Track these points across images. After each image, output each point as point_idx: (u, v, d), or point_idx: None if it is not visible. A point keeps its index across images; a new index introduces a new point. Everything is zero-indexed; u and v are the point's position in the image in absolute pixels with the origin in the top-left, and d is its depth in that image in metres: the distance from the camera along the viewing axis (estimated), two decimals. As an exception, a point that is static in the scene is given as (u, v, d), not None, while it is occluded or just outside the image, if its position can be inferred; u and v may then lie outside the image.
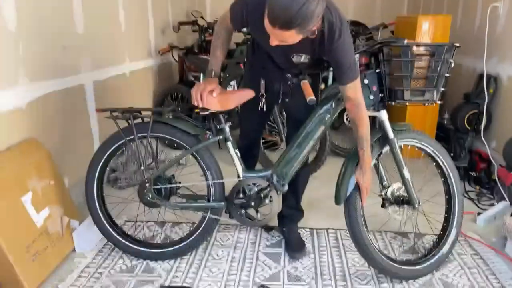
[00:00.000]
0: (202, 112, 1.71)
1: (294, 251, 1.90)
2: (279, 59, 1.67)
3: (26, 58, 1.90)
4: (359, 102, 1.53)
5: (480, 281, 1.71)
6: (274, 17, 1.23)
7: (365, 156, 1.59)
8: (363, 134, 1.57)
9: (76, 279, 1.72)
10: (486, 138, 2.76)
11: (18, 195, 1.69)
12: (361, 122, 1.55)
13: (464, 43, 2.65)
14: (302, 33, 1.28)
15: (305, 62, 1.61)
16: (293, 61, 1.61)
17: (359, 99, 1.52)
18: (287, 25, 1.23)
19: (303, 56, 1.58)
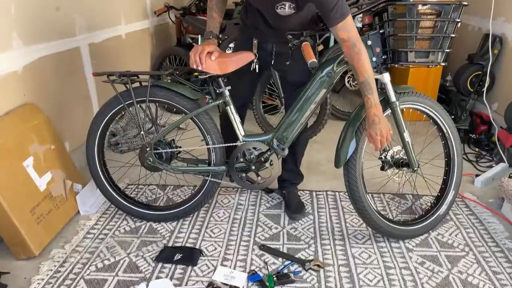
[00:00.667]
0: (201, 76, 1.69)
1: (294, 212, 1.94)
2: (267, 15, 1.61)
3: (19, 21, 1.84)
4: (355, 41, 1.41)
5: (475, 240, 1.75)
6: None
7: (372, 103, 1.45)
8: (366, 79, 1.43)
9: (82, 240, 1.76)
10: (488, 100, 2.74)
11: (19, 160, 1.70)
12: (361, 64, 1.42)
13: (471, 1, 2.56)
14: None
15: (291, 13, 1.53)
16: (280, 14, 1.54)
17: (353, 38, 1.41)
18: None
19: (286, 4, 1.50)
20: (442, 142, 1.78)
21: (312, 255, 1.66)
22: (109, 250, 1.70)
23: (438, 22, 1.47)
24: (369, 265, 1.61)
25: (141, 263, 1.62)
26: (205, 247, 1.72)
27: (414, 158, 1.68)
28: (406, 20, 1.46)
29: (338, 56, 1.61)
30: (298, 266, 1.60)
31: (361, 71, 1.43)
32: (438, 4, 1.47)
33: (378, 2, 1.52)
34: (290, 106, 1.73)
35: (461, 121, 2.97)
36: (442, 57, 1.54)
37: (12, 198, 1.59)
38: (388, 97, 1.60)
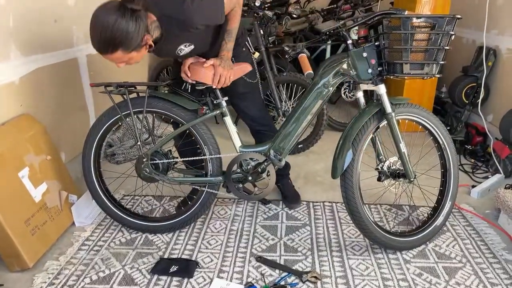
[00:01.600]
0: (198, 87, 1.70)
1: (291, 202, 2.10)
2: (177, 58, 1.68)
3: (17, 32, 1.85)
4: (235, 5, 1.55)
5: (472, 252, 1.75)
6: (95, 46, 1.34)
7: (227, 48, 1.61)
8: (232, 28, 1.61)
9: (76, 252, 1.75)
10: (483, 111, 2.76)
11: (15, 171, 1.69)
12: (235, 18, 1.60)
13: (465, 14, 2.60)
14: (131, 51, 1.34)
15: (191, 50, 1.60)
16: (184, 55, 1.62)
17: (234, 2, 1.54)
18: (108, 49, 1.32)
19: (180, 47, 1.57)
20: (438, 153, 1.79)
21: (309, 267, 1.65)
22: (104, 262, 1.68)
23: (433, 35, 1.49)
24: (367, 277, 1.59)
25: (137, 275, 1.61)
26: (202, 258, 1.70)
27: (411, 169, 1.69)
28: (401, 32, 1.48)
29: (334, 68, 1.62)
30: (295, 278, 1.59)
31: (232, 21, 1.60)
32: (432, 17, 1.49)
33: (373, 15, 1.54)
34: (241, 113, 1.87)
35: (456, 132, 2.99)
36: (436, 69, 1.55)
37: (6, 208, 1.58)
38: (384, 108, 1.61)
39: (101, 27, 1.29)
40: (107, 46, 1.33)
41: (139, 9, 1.31)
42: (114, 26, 1.28)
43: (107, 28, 1.28)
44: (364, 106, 1.68)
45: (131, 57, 1.39)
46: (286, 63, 2.95)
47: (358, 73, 1.60)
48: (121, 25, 1.28)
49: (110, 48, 1.33)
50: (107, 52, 1.34)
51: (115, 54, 1.35)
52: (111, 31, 1.29)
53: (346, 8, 3.53)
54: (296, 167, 2.56)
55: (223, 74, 1.61)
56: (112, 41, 1.31)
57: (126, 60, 1.40)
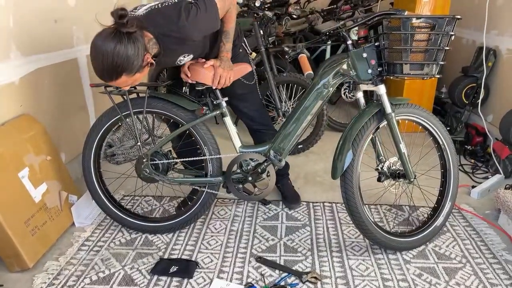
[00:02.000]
0: (198, 87, 1.70)
1: (291, 202, 2.10)
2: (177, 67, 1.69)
3: (17, 32, 1.85)
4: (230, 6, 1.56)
5: (472, 252, 1.75)
6: (101, 76, 1.34)
7: (226, 48, 1.63)
8: (229, 29, 1.62)
9: (76, 253, 1.74)
10: (483, 112, 2.77)
11: (15, 171, 1.69)
12: (231, 19, 1.61)
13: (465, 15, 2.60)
14: (134, 73, 1.35)
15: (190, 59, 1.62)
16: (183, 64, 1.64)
17: (228, 4, 1.54)
18: (112, 76, 1.32)
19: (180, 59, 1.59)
20: (438, 153, 1.79)
21: (309, 267, 1.65)
22: (104, 263, 1.68)
23: (432, 35, 1.49)
24: (367, 277, 1.59)
25: (137, 275, 1.61)
26: (201, 259, 1.70)
27: (411, 169, 1.69)
28: (401, 33, 1.49)
29: (334, 68, 1.62)
30: (295, 279, 1.59)
31: (228, 22, 1.61)
32: (432, 18, 1.49)
33: (373, 16, 1.54)
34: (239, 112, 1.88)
35: (456, 132, 2.99)
36: (436, 70, 1.55)
37: (6, 209, 1.58)
38: (384, 109, 1.61)
39: (101, 56, 1.29)
40: (111, 74, 1.33)
41: (134, 30, 1.31)
42: (114, 53, 1.28)
43: (108, 57, 1.28)
44: (364, 107, 1.68)
45: (135, 79, 1.39)
46: (286, 64, 2.95)
47: (358, 74, 1.60)
48: (120, 51, 1.28)
49: (115, 76, 1.33)
50: (112, 80, 1.35)
51: (120, 80, 1.35)
52: (112, 59, 1.29)
53: (346, 8, 3.53)
54: (296, 167, 2.56)
55: (223, 75, 1.61)
56: (115, 69, 1.31)
57: (131, 83, 1.40)
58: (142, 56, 1.35)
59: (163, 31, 1.41)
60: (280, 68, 2.90)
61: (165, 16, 1.41)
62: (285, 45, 1.65)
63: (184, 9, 1.40)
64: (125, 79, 1.35)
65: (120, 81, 1.36)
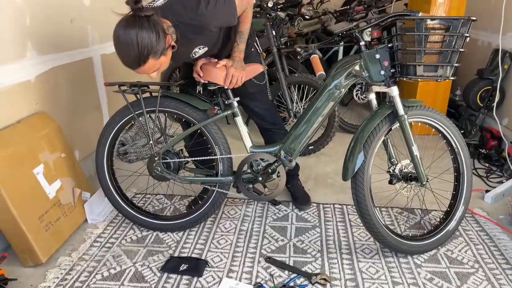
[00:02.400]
0: (210, 87, 1.71)
1: (301, 204, 2.09)
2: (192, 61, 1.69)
3: (34, 31, 1.89)
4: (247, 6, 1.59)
5: (485, 257, 1.72)
6: (128, 64, 1.36)
7: (240, 49, 1.65)
8: (244, 30, 1.64)
9: (89, 249, 1.77)
10: (498, 115, 2.72)
11: (30, 167, 1.72)
12: (247, 20, 1.64)
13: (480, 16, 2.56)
14: (160, 56, 1.36)
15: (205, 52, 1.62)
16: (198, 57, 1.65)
17: (245, 4, 1.57)
18: (140, 61, 1.33)
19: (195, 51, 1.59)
20: (451, 156, 1.76)
21: (319, 269, 1.65)
22: (115, 259, 1.70)
23: (447, 37, 1.47)
24: (377, 280, 1.58)
25: (147, 272, 1.62)
26: (211, 258, 1.71)
27: (423, 172, 1.67)
28: (415, 34, 1.47)
29: (346, 69, 1.62)
30: (304, 280, 1.58)
31: (244, 23, 1.64)
32: (447, 19, 1.47)
33: (387, 17, 1.53)
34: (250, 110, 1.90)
35: (470, 136, 2.94)
36: (451, 72, 1.53)
37: (21, 204, 1.61)
38: (396, 110, 1.60)
39: (125, 45, 1.31)
40: (138, 60, 1.34)
41: (152, 13, 1.33)
42: (137, 39, 1.29)
43: (132, 43, 1.30)
44: (376, 108, 1.67)
45: (161, 62, 1.40)
46: (298, 64, 2.95)
47: (370, 75, 1.59)
48: (143, 34, 1.30)
49: (142, 60, 1.34)
50: (140, 65, 1.36)
51: (147, 65, 1.36)
52: (137, 45, 1.30)
53: (359, 9, 3.50)
54: (306, 168, 2.56)
55: (235, 75, 1.62)
56: (142, 53, 1.32)
57: (158, 67, 1.41)
58: (164, 38, 1.36)
59: (182, 19, 1.43)
60: (292, 68, 2.90)
61: (184, 4, 1.44)
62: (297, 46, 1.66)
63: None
64: (152, 62, 1.36)
65: (148, 66, 1.37)
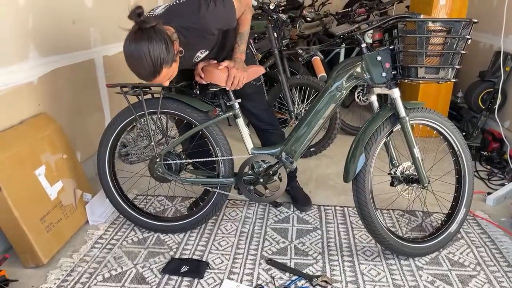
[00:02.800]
0: (212, 89, 1.71)
1: (302, 205, 2.10)
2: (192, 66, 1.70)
3: (36, 33, 1.89)
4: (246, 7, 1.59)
5: (487, 260, 1.72)
6: (143, 78, 1.39)
7: (240, 50, 1.66)
8: (244, 31, 1.65)
9: (90, 250, 1.77)
10: (500, 117, 2.71)
11: (32, 168, 1.72)
12: (247, 21, 1.64)
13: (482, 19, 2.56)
14: (171, 63, 1.39)
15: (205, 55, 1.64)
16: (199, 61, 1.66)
17: (246, 7, 1.58)
18: (155, 73, 1.36)
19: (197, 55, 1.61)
20: (453, 159, 1.76)
21: (320, 271, 1.64)
22: (117, 261, 1.70)
23: (448, 39, 1.47)
24: (378, 283, 1.58)
25: (148, 274, 1.62)
26: (212, 259, 1.71)
27: (424, 174, 1.67)
28: (416, 36, 1.47)
29: (348, 71, 1.62)
30: (306, 282, 1.58)
31: (243, 25, 1.64)
32: (448, 21, 1.47)
33: (388, 19, 1.53)
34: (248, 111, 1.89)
35: (472, 138, 2.94)
36: (452, 74, 1.53)
37: (23, 205, 1.61)
38: (397, 113, 1.60)
39: (139, 59, 1.33)
40: (153, 72, 1.36)
41: (155, 23, 1.34)
42: (149, 52, 1.31)
43: (145, 57, 1.32)
44: (378, 110, 1.67)
45: (173, 69, 1.43)
46: (299, 66, 2.95)
47: (372, 77, 1.59)
48: (153, 47, 1.31)
49: (157, 72, 1.36)
50: (156, 76, 1.38)
51: (162, 74, 1.38)
52: (150, 58, 1.32)
53: (360, 11, 3.51)
54: (308, 170, 2.55)
55: (236, 76, 1.63)
56: (155, 65, 1.34)
57: (171, 74, 1.44)
58: (172, 45, 1.38)
59: (184, 24, 1.45)
60: (294, 70, 2.90)
61: (185, 9, 1.46)
62: (299, 48, 1.66)
63: (203, 2, 1.45)
64: (166, 71, 1.39)
65: (162, 76, 1.39)
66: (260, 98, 1.94)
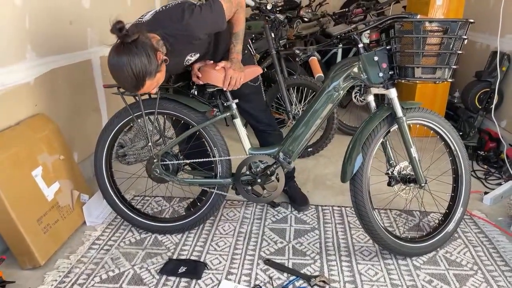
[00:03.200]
0: (209, 89, 1.71)
1: (300, 205, 2.10)
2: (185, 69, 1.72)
3: (33, 33, 1.89)
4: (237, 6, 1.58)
5: (484, 259, 1.72)
6: (128, 90, 1.46)
7: (236, 50, 1.66)
8: (239, 31, 1.65)
9: (87, 251, 1.77)
10: (497, 117, 2.72)
11: (28, 170, 1.72)
12: (240, 21, 1.64)
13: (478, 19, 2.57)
14: (155, 74, 1.40)
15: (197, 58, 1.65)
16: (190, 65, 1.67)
17: (235, 5, 1.57)
18: (139, 85, 1.38)
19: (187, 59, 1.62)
20: (450, 158, 1.77)
21: (318, 271, 1.64)
22: (114, 262, 1.70)
23: (445, 39, 1.48)
24: (376, 282, 1.58)
25: (146, 275, 1.62)
26: (210, 260, 1.71)
27: (421, 174, 1.67)
28: (413, 36, 1.48)
29: (345, 71, 1.62)
30: (304, 282, 1.58)
31: (237, 25, 1.64)
32: (445, 21, 1.48)
33: (385, 19, 1.53)
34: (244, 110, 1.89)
35: (469, 138, 2.95)
36: (449, 74, 1.54)
37: (19, 207, 1.61)
38: (395, 113, 1.60)
39: (121, 73, 1.35)
40: (137, 84, 1.38)
41: (137, 36, 1.35)
42: (131, 67, 1.33)
43: (127, 71, 1.34)
44: (375, 110, 1.67)
45: (158, 78, 1.44)
46: (296, 66, 2.95)
47: (369, 77, 1.60)
48: (135, 61, 1.33)
49: (140, 84, 1.38)
50: (139, 88, 1.41)
51: (146, 86, 1.40)
52: (132, 72, 1.34)
53: (357, 12, 3.51)
54: (305, 170, 2.56)
55: (233, 76, 1.63)
56: (138, 78, 1.36)
57: (156, 84, 1.46)
58: (155, 56, 1.38)
59: (169, 31, 1.46)
60: (291, 70, 2.91)
61: (169, 16, 1.47)
62: (296, 48, 1.66)
63: (187, 8, 1.45)
64: (150, 83, 1.41)
65: (147, 87, 1.41)
66: (258, 98, 1.94)
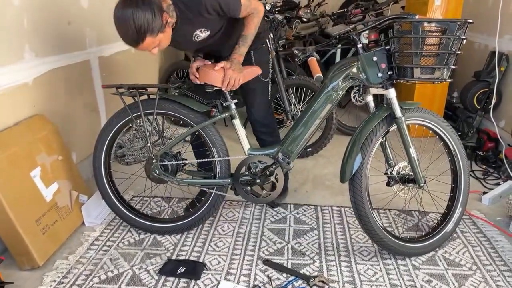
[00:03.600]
0: (208, 89, 1.71)
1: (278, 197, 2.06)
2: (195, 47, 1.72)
3: (31, 33, 1.88)
4: (253, 11, 1.61)
5: (483, 259, 1.72)
6: (128, 43, 1.42)
7: (240, 52, 1.66)
8: (248, 34, 1.66)
9: (86, 252, 1.76)
10: (495, 117, 2.73)
11: (27, 170, 1.71)
12: (252, 25, 1.64)
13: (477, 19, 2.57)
14: (157, 33, 1.41)
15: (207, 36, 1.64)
16: (200, 41, 1.66)
17: (252, 9, 1.60)
18: (138, 40, 1.39)
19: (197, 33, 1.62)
20: (449, 158, 1.77)
21: (317, 271, 1.64)
22: (113, 262, 1.70)
23: (444, 39, 1.48)
24: (375, 283, 1.58)
25: (145, 275, 1.62)
26: (209, 260, 1.71)
27: (420, 174, 1.67)
28: (412, 37, 1.48)
29: (344, 72, 1.62)
30: (303, 282, 1.58)
31: (248, 27, 1.65)
32: (443, 22, 1.48)
33: (384, 19, 1.53)
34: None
35: (468, 138, 2.95)
36: (447, 74, 1.54)
37: (18, 207, 1.60)
38: (393, 113, 1.60)
39: (123, 24, 1.37)
40: (136, 39, 1.40)
41: None
42: (133, 18, 1.35)
43: (129, 23, 1.36)
44: (374, 110, 1.67)
45: (160, 39, 1.46)
46: (295, 67, 2.95)
47: (368, 77, 1.60)
48: (138, 14, 1.35)
49: (140, 38, 1.40)
50: (139, 43, 1.41)
51: (145, 42, 1.42)
52: (134, 24, 1.36)
53: (356, 12, 3.52)
54: (304, 170, 2.56)
55: (232, 77, 1.63)
56: (139, 32, 1.38)
57: (157, 43, 1.47)
58: (160, 16, 1.40)
59: None
60: (290, 71, 2.91)
61: None
62: (295, 48, 1.66)
63: None
64: (150, 40, 1.42)
65: (146, 43, 1.42)
66: (262, 95, 1.94)
